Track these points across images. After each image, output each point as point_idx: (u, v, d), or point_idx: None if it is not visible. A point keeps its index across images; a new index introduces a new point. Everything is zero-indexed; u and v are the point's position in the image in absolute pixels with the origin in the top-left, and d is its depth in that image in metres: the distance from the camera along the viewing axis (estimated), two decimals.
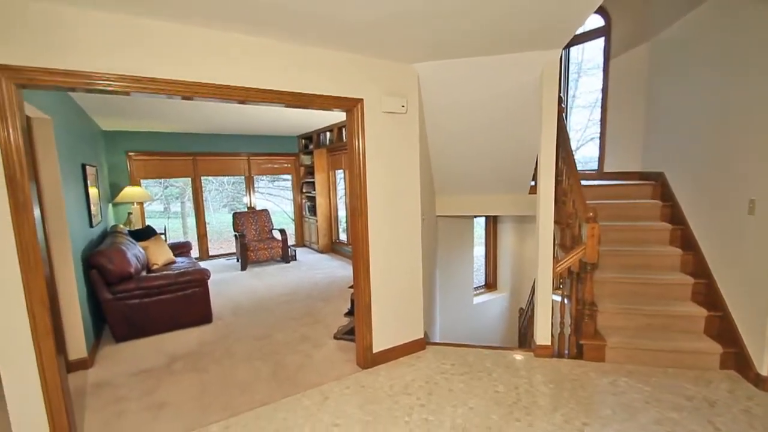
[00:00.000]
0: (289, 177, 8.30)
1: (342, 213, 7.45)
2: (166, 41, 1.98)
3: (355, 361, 2.97)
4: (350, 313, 4.00)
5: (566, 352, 2.93)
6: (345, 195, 7.03)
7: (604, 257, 3.16)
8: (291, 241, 7.87)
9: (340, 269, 6.08)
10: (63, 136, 3.18)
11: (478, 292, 6.12)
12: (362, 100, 2.64)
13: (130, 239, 4.34)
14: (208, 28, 2.07)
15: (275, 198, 10.86)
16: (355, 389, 2.57)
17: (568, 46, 4.75)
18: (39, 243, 1.79)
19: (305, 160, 7.69)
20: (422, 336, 3.13)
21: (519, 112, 3.12)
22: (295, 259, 6.84)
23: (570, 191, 3.20)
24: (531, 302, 4.49)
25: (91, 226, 3.94)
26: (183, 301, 3.73)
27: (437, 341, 3.68)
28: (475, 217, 5.72)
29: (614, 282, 3.08)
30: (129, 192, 5.87)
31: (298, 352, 3.18)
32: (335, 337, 3.43)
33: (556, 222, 3.12)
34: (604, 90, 4.35)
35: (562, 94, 4.53)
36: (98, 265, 3.34)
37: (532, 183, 4.00)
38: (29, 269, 1.77)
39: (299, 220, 8.21)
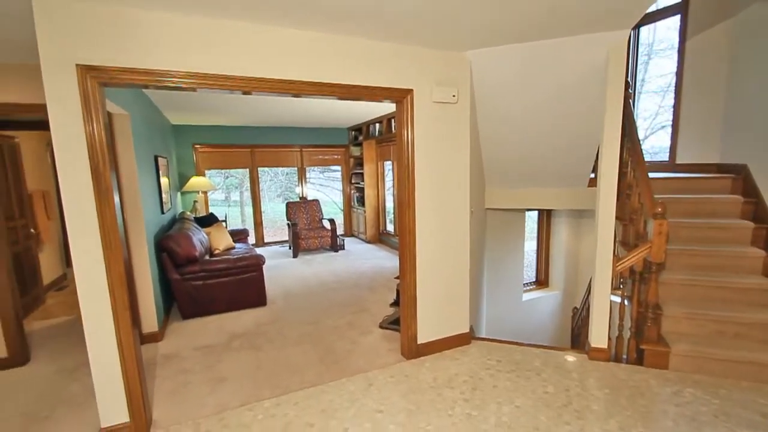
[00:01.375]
0: (338, 168, 8.49)
1: (390, 204, 7.49)
2: (227, 39, 2.09)
3: (399, 350, 3.00)
4: (396, 303, 4.04)
5: (624, 356, 2.75)
6: (393, 186, 7.06)
7: (671, 257, 2.90)
8: (340, 230, 8.09)
9: (386, 260, 6.14)
10: (139, 130, 3.50)
11: (527, 288, 5.90)
12: (412, 90, 2.62)
13: (196, 225, 4.70)
14: (264, 24, 2.15)
15: (325, 189, 11.17)
16: (399, 378, 2.61)
17: (637, 26, 4.36)
18: (118, 227, 2.00)
19: (354, 151, 7.81)
20: (468, 330, 3.09)
21: (580, 100, 2.92)
22: (343, 249, 7.01)
23: (636, 184, 2.96)
24: (586, 302, 4.25)
25: (163, 212, 4.32)
26: (241, 285, 3.99)
27: (483, 336, 3.61)
28: (528, 210, 5.49)
29: (682, 284, 2.81)
30: (195, 181, 6.35)
31: (345, 339, 3.28)
32: (381, 326, 3.49)
33: (617, 217, 2.91)
34: (679, 73, 3.94)
35: (629, 79, 4.18)
36: (168, 248, 3.66)
37: (592, 175, 3.75)
38: (110, 250, 1.98)
39: (348, 211, 8.39)
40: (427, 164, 2.75)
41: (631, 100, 3.37)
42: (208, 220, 5.56)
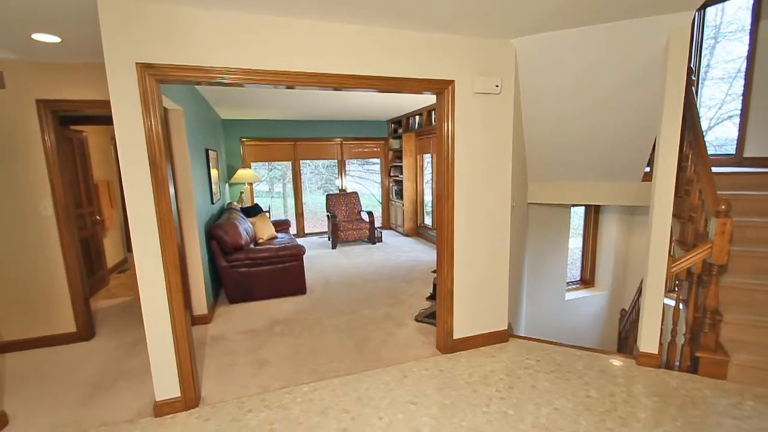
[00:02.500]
0: (377, 161, 8.54)
1: (428, 197, 7.44)
2: (271, 35, 2.16)
3: (434, 344, 3.00)
4: (432, 297, 4.03)
5: (677, 363, 2.58)
6: (432, 179, 7.00)
7: (734, 258, 2.66)
8: (377, 223, 8.15)
9: (423, 253, 6.12)
10: (191, 125, 3.71)
11: (571, 287, 5.65)
12: (453, 81, 2.57)
13: (242, 215, 4.93)
14: (308, 19, 2.20)
15: (364, 181, 11.28)
16: (434, 372, 2.61)
17: (703, 6, 3.99)
18: (173, 215, 2.14)
19: (394, 144, 7.81)
20: (506, 327, 3.03)
21: (636, 88, 2.74)
22: (381, 241, 7.07)
23: (696, 179, 2.74)
24: (636, 304, 4.01)
25: (212, 202, 4.57)
26: (282, 273, 4.15)
27: (522, 335, 3.52)
28: (574, 206, 5.24)
29: (746, 289, 2.57)
30: (241, 173, 6.65)
31: (381, 330, 3.32)
32: (416, 319, 3.50)
33: (674, 215, 2.71)
34: (750, 57, 3.57)
35: (692, 65, 3.85)
36: (217, 236, 3.87)
37: (648, 169, 3.51)
38: (165, 237, 2.13)
39: (386, 203, 8.43)
40: (467, 157, 2.71)
41: (693, 88, 3.10)
42: (253, 211, 5.82)
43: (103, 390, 2.52)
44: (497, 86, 2.66)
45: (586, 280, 5.76)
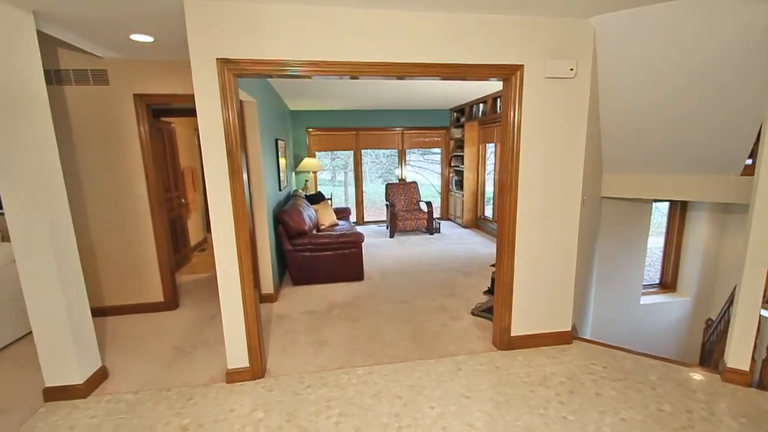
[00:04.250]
0: (438, 150, 8.42)
1: (489, 188, 7.19)
2: (337, 26, 2.21)
3: (490, 339, 2.93)
4: (490, 291, 3.93)
5: None
6: (494, 170, 6.75)
7: None
8: (436, 213, 8.08)
9: (482, 246, 5.96)
10: (263, 116, 3.94)
11: (648, 290, 5.16)
12: (522, 66, 2.44)
13: (306, 202, 5.18)
14: (372, 8, 2.21)
15: (424, 171, 11.20)
16: (489, 368, 2.56)
17: None
18: (246, 201, 2.32)
19: (455, 133, 7.64)
20: (569, 329, 2.86)
21: (735, 69, 2.39)
22: (439, 232, 7.00)
23: None
24: (726, 314, 3.57)
25: (280, 189, 4.85)
26: (342, 259, 4.30)
27: (587, 337, 3.30)
28: (655, 201, 4.75)
29: None
30: (307, 162, 6.96)
31: (436, 320, 3.32)
32: (472, 313, 3.44)
33: None
34: None
35: None
36: (283, 221, 4.12)
37: (749, 161, 3.06)
38: (239, 221, 2.31)
39: (445, 194, 8.32)
40: (534, 146, 2.57)
41: None
42: (316, 198, 6.08)
43: (184, 354, 2.84)
44: (572, 69, 2.47)
45: (666, 284, 5.22)
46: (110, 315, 3.53)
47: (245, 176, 2.33)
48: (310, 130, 7.48)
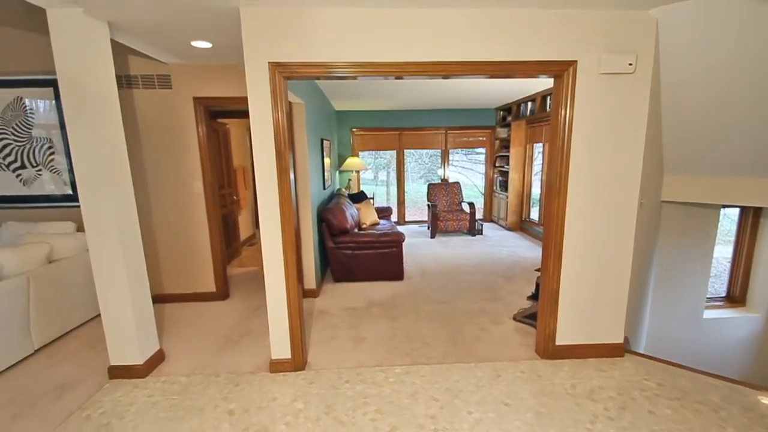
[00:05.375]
0: (483, 150, 8.22)
1: (536, 190, 6.92)
2: (381, 27, 2.23)
3: (533, 347, 2.83)
4: (534, 297, 3.78)
5: None
6: (542, 171, 6.48)
7: None
8: (478, 215, 7.90)
9: (526, 249, 5.75)
10: (310, 116, 4.07)
11: (712, 304, 4.71)
12: (575, 62, 2.32)
13: (349, 201, 5.27)
14: (416, 8, 2.21)
15: (467, 171, 11.00)
16: (531, 376, 2.47)
17: None
18: (292, 198, 2.41)
19: (501, 133, 7.43)
20: (621, 341, 2.69)
21: None
22: (481, 234, 6.85)
23: None
24: None
25: (324, 188, 4.97)
26: (382, 258, 4.34)
27: (640, 351, 3.09)
28: (724, 207, 4.32)
29: None
30: (350, 162, 7.09)
31: (476, 324, 3.25)
32: (514, 318, 3.34)
33: None
34: None
35: None
36: (327, 219, 4.22)
37: None
38: (285, 217, 2.40)
39: (489, 195, 8.11)
40: (586, 146, 2.44)
41: None
42: (358, 197, 6.17)
43: (232, 343, 3.00)
44: (630, 64, 2.32)
45: (734, 297, 4.75)
46: (168, 302, 3.81)
47: (292, 175, 2.42)
48: (355, 130, 7.60)
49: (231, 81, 3.44)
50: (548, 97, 5.70)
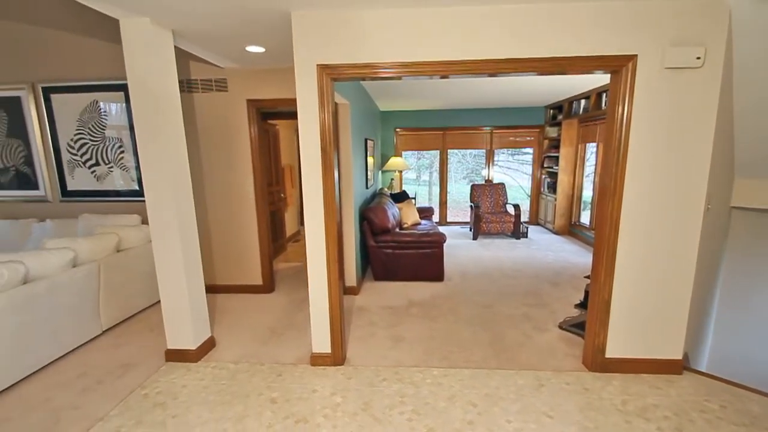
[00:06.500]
0: (530, 150, 7.93)
1: (587, 192, 6.56)
2: (427, 26, 2.22)
3: (580, 358, 2.69)
4: (582, 305, 3.59)
5: None
6: (594, 172, 6.14)
7: None
8: (524, 217, 7.64)
9: (575, 255, 5.47)
10: (355, 116, 4.14)
11: None
12: (635, 56, 2.17)
13: (391, 200, 5.30)
14: (461, 5, 2.17)
15: (513, 172, 10.64)
16: (576, 388, 2.35)
17: None
18: (335, 197, 2.46)
19: (550, 132, 7.12)
20: (680, 357, 2.49)
21: None
22: (526, 237, 6.61)
23: None
24: None
25: (366, 187, 5.04)
26: (422, 258, 4.32)
27: (702, 370, 2.84)
28: None
29: None
30: (393, 162, 7.12)
31: (518, 330, 3.15)
32: (560, 327, 3.19)
33: None
34: None
35: None
36: (368, 218, 4.28)
37: None
38: (328, 214, 2.47)
39: (535, 197, 7.80)
40: (646, 146, 2.28)
41: None
42: (400, 197, 6.18)
43: (277, 334, 3.13)
44: (698, 58, 2.13)
45: None
46: (219, 293, 4.05)
47: (336, 174, 2.48)
48: (398, 130, 7.62)
49: (281, 83, 3.59)
50: (604, 94, 5.38)
